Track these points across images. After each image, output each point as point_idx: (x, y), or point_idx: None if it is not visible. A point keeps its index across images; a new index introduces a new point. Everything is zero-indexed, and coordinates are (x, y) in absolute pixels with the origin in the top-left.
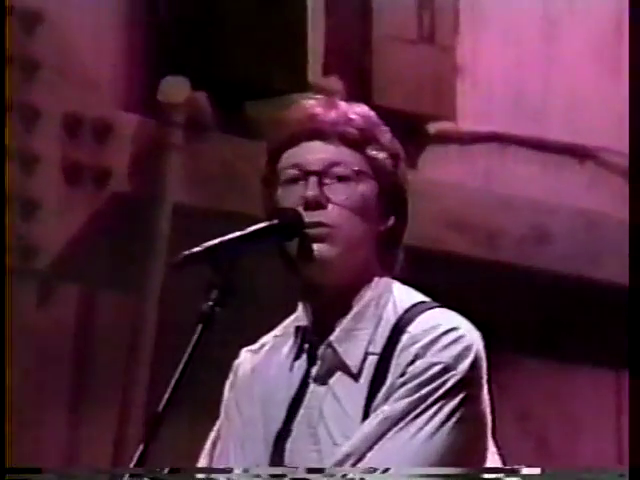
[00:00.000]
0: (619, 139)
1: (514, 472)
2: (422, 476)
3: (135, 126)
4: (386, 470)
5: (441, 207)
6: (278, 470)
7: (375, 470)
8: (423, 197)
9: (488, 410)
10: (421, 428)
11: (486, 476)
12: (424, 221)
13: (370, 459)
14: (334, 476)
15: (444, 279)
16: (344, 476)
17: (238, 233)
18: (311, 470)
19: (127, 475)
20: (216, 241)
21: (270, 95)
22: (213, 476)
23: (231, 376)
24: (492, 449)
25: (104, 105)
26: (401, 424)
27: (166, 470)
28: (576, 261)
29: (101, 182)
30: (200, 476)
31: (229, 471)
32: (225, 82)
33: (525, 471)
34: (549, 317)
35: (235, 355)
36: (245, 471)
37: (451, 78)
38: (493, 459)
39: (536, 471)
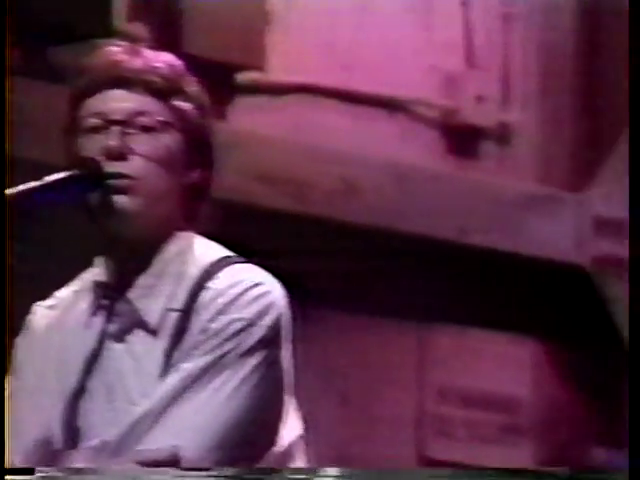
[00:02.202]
0: (430, 90)
1: (315, 472)
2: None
3: None
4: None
5: (250, 159)
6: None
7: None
8: (232, 149)
9: (291, 367)
10: (222, 386)
11: (294, 476)
12: (233, 173)
13: (169, 419)
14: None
15: (252, 233)
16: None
17: (36, 183)
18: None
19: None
20: (12, 190)
21: (73, 40)
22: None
23: (24, 332)
24: (294, 406)
25: None
26: (201, 382)
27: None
28: (386, 214)
29: None
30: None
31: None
32: (27, 26)
33: (330, 472)
34: (358, 271)
35: (29, 310)
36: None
37: (261, 27)
38: (294, 416)
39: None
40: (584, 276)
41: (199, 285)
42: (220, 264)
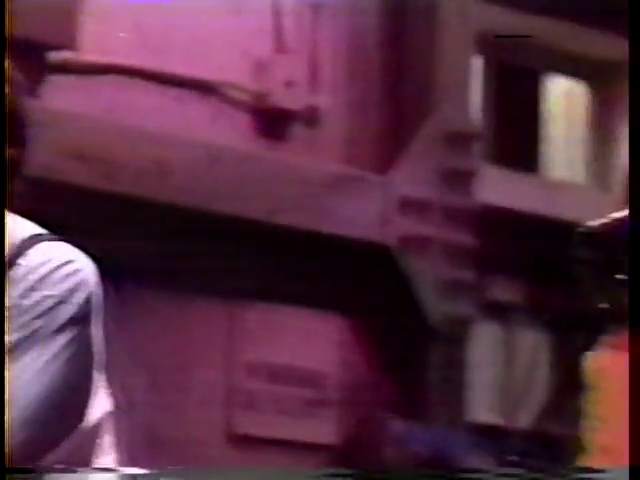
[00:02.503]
0: (241, 74)
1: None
2: None
3: None
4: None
5: (63, 137)
6: None
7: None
8: (45, 127)
9: (102, 345)
10: (33, 361)
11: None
12: (45, 151)
13: None
14: None
15: (63, 210)
16: None
17: None
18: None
19: None
20: None
21: None
22: None
23: None
24: (104, 384)
25: None
26: (12, 357)
27: None
28: (197, 195)
29: None
30: None
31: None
32: None
33: (130, 471)
34: (170, 250)
35: None
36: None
37: (72, 7)
38: (104, 393)
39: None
40: (389, 254)
41: (10, 262)
42: (31, 241)
